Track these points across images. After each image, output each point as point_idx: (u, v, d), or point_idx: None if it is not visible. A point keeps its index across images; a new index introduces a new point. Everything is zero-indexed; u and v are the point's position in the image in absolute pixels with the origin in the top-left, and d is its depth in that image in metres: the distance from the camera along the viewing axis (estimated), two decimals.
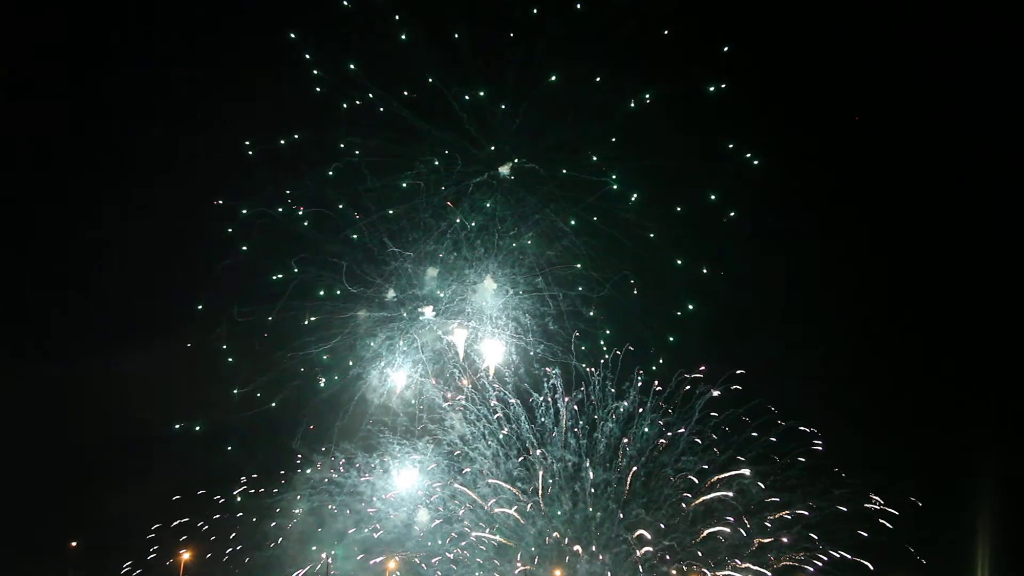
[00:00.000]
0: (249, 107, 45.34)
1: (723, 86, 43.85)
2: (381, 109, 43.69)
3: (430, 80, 43.56)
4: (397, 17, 42.29)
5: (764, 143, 43.60)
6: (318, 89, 43.09)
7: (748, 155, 43.33)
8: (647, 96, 43.73)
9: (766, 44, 45.77)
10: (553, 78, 43.50)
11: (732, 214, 43.81)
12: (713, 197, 43.12)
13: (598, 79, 42.72)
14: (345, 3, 42.11)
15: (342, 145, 44.99)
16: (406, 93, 44.11)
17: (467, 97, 44.01)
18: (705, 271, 45.41)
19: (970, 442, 42.64)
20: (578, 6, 42.66)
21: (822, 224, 45.70)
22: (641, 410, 42.84)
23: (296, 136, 42.90)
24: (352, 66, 42.45)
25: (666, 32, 43.47)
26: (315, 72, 42.08)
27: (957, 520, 42.11)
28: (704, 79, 43.79)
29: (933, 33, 44.50)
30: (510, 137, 44.36)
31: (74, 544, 37.40)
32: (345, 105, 42.97)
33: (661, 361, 43.46)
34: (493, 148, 44.79)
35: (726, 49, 41.83)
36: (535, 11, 43.10)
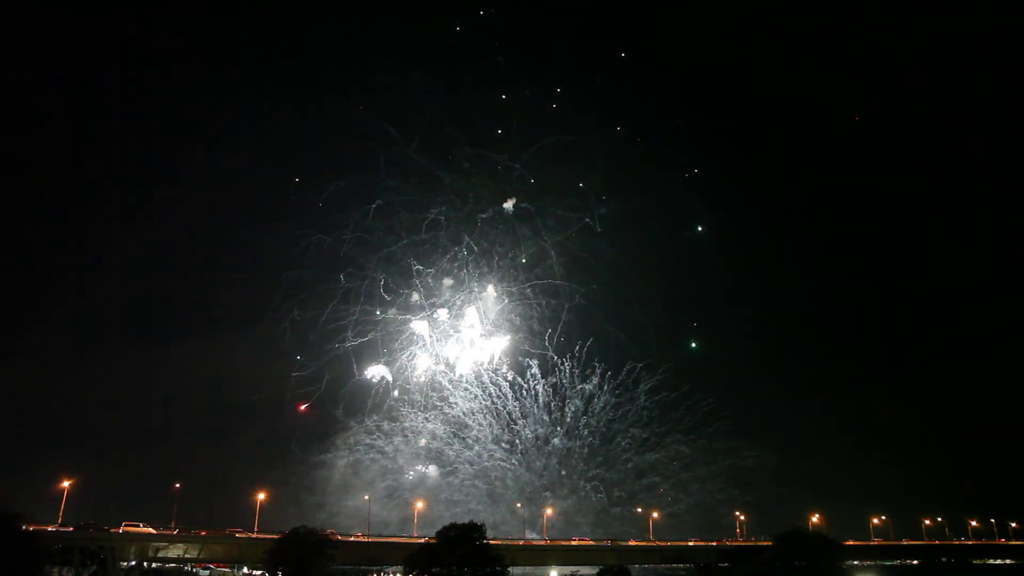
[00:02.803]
0: (307, 156, 57.23)
1: (696, 170, 57.66)
2: (413, 161, 55.40)
3: (448, 136, 55.49)
4: (432, 88, 53.92)
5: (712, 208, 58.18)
6: (365, 144, 54.66)
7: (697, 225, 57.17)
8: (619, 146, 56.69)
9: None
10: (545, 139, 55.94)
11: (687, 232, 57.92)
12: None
13: (575, 138, 55.33)
14: (379, 76, 53.68)
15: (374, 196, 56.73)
16: (431, 148, 56.11)
17: (477, 153, 56.01)
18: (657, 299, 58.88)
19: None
20: (558, 89, 55.20)
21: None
22: (599, 392, 55.42)
23: (344, 180, 54.53)
24: (392, 129, 54.09)
25: (627, 134, 56.81)
26: (363, 130, 53.55)
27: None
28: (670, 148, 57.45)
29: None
30: (510, 183, 56.52)
31: (177, 485, 44.58)
32: (383, 157, 54.60)
33: (617, 354, 56.60)
34: (496, 191, 56.86)
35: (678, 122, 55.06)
36: (527, 92, 55.48)
